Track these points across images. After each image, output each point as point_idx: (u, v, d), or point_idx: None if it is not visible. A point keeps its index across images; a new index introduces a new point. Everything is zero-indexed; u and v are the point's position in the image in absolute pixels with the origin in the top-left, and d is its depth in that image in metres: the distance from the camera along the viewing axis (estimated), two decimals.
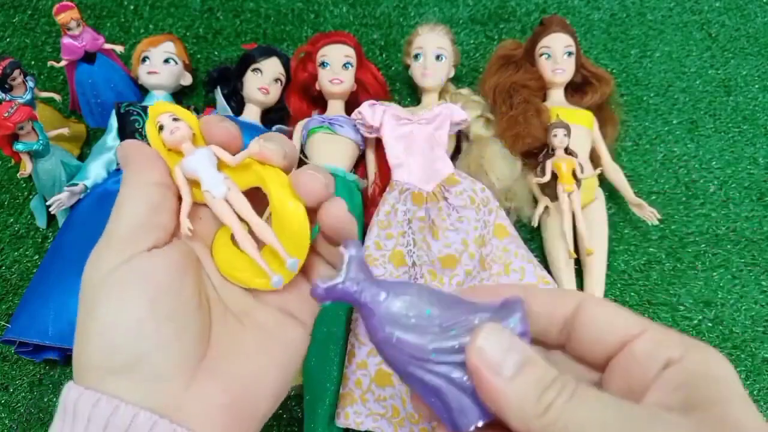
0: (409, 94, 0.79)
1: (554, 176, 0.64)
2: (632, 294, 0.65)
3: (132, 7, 0.87)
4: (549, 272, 0.62)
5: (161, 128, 0.27)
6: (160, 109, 0.27)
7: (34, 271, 0.63)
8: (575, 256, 0.62)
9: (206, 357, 0.24)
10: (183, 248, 0.26)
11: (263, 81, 0.69)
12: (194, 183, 0.27)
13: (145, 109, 0.68)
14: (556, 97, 0.71)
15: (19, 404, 0.58)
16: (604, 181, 0.69)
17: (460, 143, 0.72)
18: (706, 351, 0.20)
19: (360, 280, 0.22)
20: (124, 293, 0.23)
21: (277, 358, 0.26)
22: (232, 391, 0.24)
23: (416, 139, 0.64)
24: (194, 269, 0.26)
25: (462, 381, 0.21)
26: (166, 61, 0.72)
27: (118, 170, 0.67)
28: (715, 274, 0.66)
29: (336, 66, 0.69)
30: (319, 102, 0.73)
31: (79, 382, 0.23)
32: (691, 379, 0.19)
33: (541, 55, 0.70)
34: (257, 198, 0.28)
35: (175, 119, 0.27)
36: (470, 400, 0.21)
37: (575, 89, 0.73)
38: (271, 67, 0.70)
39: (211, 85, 0.73)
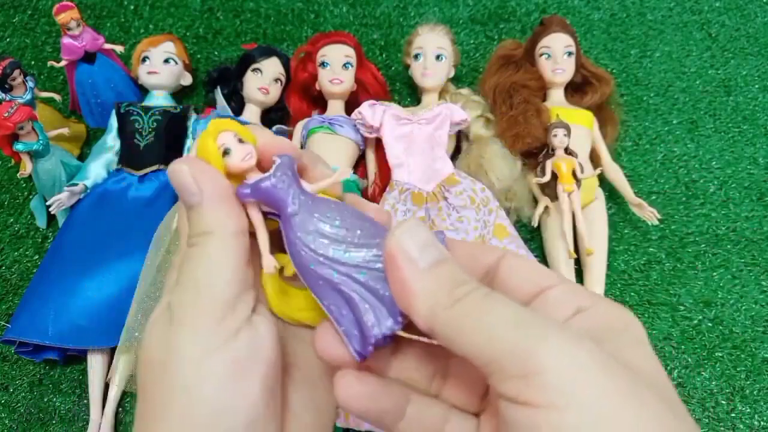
0: (409, 94, 0.79)
1: (554, 176, 0.64)
2: (632, 294, 0.65)
3: (132, 7, 0.87)
4: None
5: (227, 152, 0.22)
6: (222, 126, 0.23)
7: (34, 271, 0.63)
8: (575, 256, 0.62)
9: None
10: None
11: (263, 81, 0.69)
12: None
13: (145, 108, 0.68)
14: (556, 97, 0.71)
15: (19, 404, 0.58)
16: (604, 181, 0.69)
17: (460, 143, 0.72)
18: (613, 305, 0.21)
19: (286, 182, 0.22)
20: (241, 378, 0.20)
21: (327, 410, 0.24)
22: None
23: (416, 139, 0.64)
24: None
25: (375, 289, 0.21)
26: (166, 61, 0.72)
27: (118, 170, 0.67)
28: (715, 274, 0.66)
29: (336, 66, 0.69)
30: (319, 102, 0.73)
31: None
32: (595, 324, 0.20)
33: (541, 55, 0.70)
34: None
35: (240, 141, 0.23)
36: (382, 309, 0.21)
37: (575, 89, 0.73)
38: (271, 67, 0.70)
39: (211, 85, 0.73)
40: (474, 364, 0.18)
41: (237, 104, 0.71)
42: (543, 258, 0.65)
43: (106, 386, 0.57)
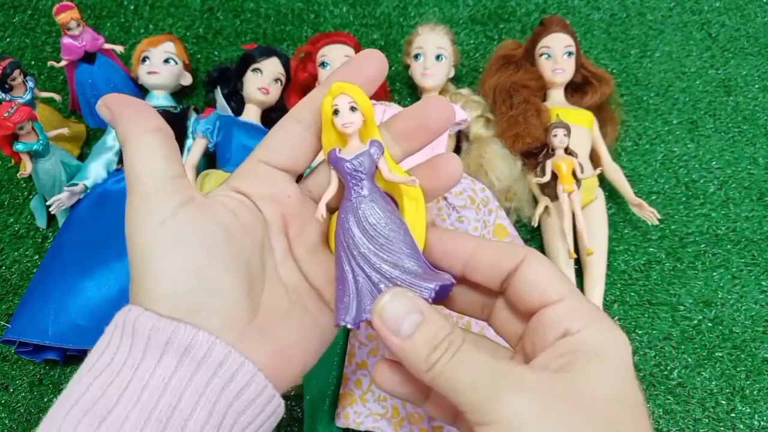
0: (409, 94, 0.79)
1: (554, 176, 0.64)
2: (632, 294, 0.65)
3: (132, 7, 0.87)
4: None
5: (336, 112, 0.27)
6: (343, 88, 0.27)
7: (34, 271, 0.63)
8: (575, 256, 0.62)
9: (256, 319, 0.25)
10: (242, 209, 0.27)
11: (263, 81, 0.69)
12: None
13: None
14: (556, 97, 0.71)
15: (19, 404, 0.58)
16: (604, 181, 0.69)
17: (460, 143, 0.72)
18: (607, 332, 0.23)
19: (362, 170, 0.27)
20: (183, 244, 0.24)
21: (314, 337, 0.28)
22: (274, 355, 0.25)
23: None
24: (255, 235, 0.27)
25: (362, 287, 0.26)
26: (166, 61, 0.72)
27: (118, 170, 0.67)
28: (715, 274, 0.66)
29: (336, 66, 0.68)
30: None
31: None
32: (573, 349, 0.23)
33: (541, 55, 0.70)
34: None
35: (353, 108, 0.26)
36: (356, 304, 0.26)
37: (575, 89, 0.73)
38: (271, 67, 0.70)
39: (211, 85, 0.73)
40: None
41: (237, 104, 0.71)
42: None
43: None
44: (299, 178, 0.31)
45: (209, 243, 0.24)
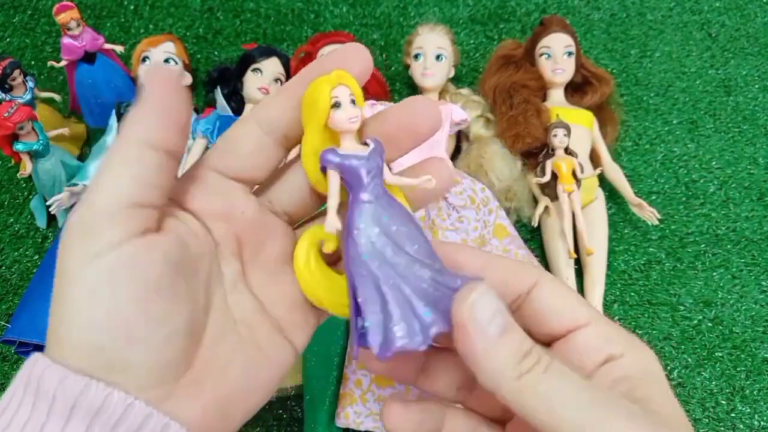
0: (409, 94, 0.79)
1: (554, 176, 0.64)
2: (632, 294, 0.65)
3: (132, 7, 0.87)
4: (549, 272, 0.62)
5: (337, 105, 0.22)
6: (343, 79, 0.22)
7: (34, 271, 0.63)
8: (575, 256, 0.62)
9: (193, 367, 0.22)
10: (181, 238, 0.22)
11: (263, 81, 0.69)
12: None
13: None
14: (556, 97, 0.71)
15: None
16: (604, 181, 0.69)
17: (460, 143, 0.72)
18: (643, 351, 0.22)
19: (374, 169, 0.22)
20: (115, 287, 0.20)
21: (263, 379, 0.24)
22: (211, 409, 0.22)
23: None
24: (204, 263, 0.23)
25: (414, 305, 0.21)
26: (166, 61, 0.72)
27: None
28: (715, 274, 0.66)
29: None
30: None
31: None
32: (629, 375, 0.21)
33: (541, 55, 0.70)
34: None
35: (353, 102, 0.22)
36: (415, 326, 0.21)
37: (575, 89, 0.73)
38: (271, 67, 0.70)
39: (211, 85, 0.73)
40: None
41: (237, 104, 0.71)
42: (543, 258, 0.65)
43: None
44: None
45: (147, 289, 0.20)
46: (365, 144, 0.23)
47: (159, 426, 0.20)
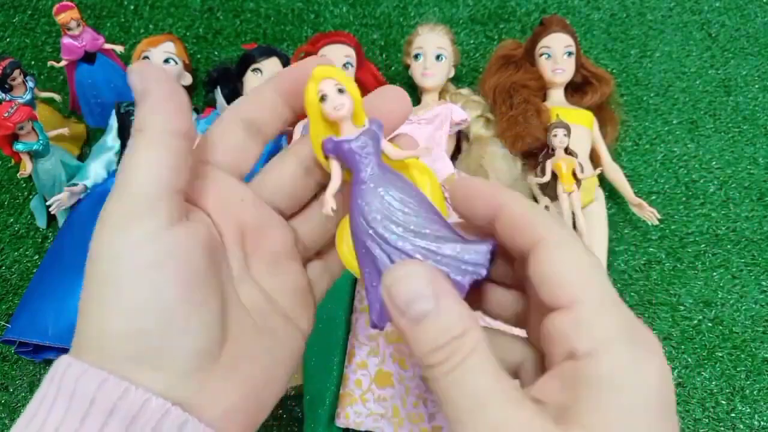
0: (409, 94, 0.79)
1: (554, 176, 0.64)
2: (632, 294, 0.65)
3: (132, 7, 0.87)
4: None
5: (323, 98, 0.24)
6: (325, 73, 0.24)
7: (34, 271, 0.63)
8: None
9: (223, 354, 0.22)
10: (209, 228, 0.23)
11: (263, 81, 0.69)
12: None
13: None
14: (556, 97, 0.71)
15: (19, 404, 0.58)
16: (604, 181, 0.69)
17: (460, 143, 0.72)
18: (622, 348, 0.18)
19: (366, 149, 0.24)
20: (159, 273, 0.20)
21: (283, 364, 0.25)
22: (245, 392, 0.22)
23: (416, 139, 0.64)
24: (221, 255, 0.23)
25: None
26: (166, 61, 0.72)
27: None
28: (715, 274, 0.66)
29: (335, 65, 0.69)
30: None
31: (82, 359, 0.20)
32: (579, 379, 0.18)
33: (541, 55, 0.70)
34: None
35: (340, 90, 0.24)
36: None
37: (575, 89, 0.73)
38: (271, 67, 0.70)
39: (211, 85, 0.73)
40: None
41: None
42: None
43: None
44: None
45: (189, 276, 0.21)
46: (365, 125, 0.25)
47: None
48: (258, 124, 0.25)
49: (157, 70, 0.23)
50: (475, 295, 0.25)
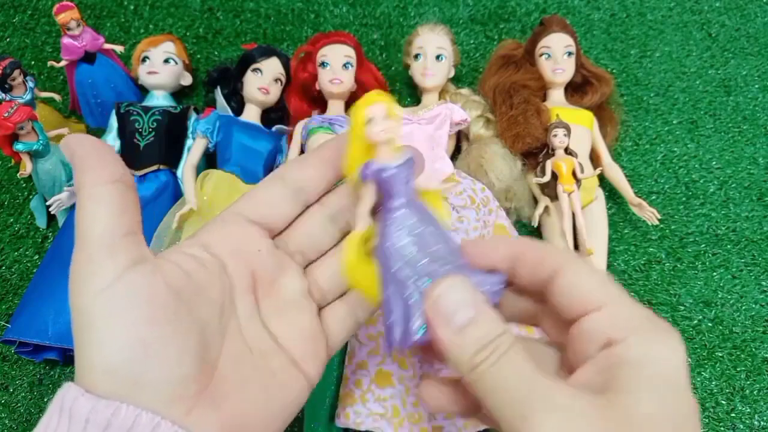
0: (409, 94, 0.79)
1: (554, 176, 0.64)
2: (632, 294, 0.64)
3: (132, 7, 0.87)
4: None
5: (370, 120, 0.25)
6: (377, 98, 0.26)
7: (34, 271, 0.63)
8: None
9: (211, 385, 0.23)
10: (195, 267, 0.25)
11: (263, 81, 0.69)
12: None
13: (145, 108, 0.68)
14: (556, 97, 0.71)
15: (19, 404, 0.58)
16: (604, 181, 0.69)
17: (460, 143, 0.72)
18: (649, 334, 0.21)
19: (403, 178, 0.25)
20: (126, 313, 0.22)
21: (280, 404, 0.26)
22: (234, 423, 0.24)
23: (416, 139, 0.64)
24: (213, 295, 0.25)
25: (414, 306, 0.24)
26: (166, 61, 0.72)
27: None
28: (715, 274, 0.66)
29: (336, 66, 0.69)
30: (319, 102, 0.73)
31: (79, 384, 0.22)
32: (616, 362, 0.21)
33: (541, 55, 0.70)
34: None
35: (387, 116, 0.26)
36: (404, 322, 0.24)
37: (575, 89, 0.73)
38: (271, 67, 0.70)
39: (211, 85, 0.73)
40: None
41: (237, 104, 0.71)
42: None
43: None
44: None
45: (155, 309, 0.22)
46: (402, 154, 0.26)
47: None
48: (300, 184, 0.28)
49: (79, 135, 0.25)
50: None
